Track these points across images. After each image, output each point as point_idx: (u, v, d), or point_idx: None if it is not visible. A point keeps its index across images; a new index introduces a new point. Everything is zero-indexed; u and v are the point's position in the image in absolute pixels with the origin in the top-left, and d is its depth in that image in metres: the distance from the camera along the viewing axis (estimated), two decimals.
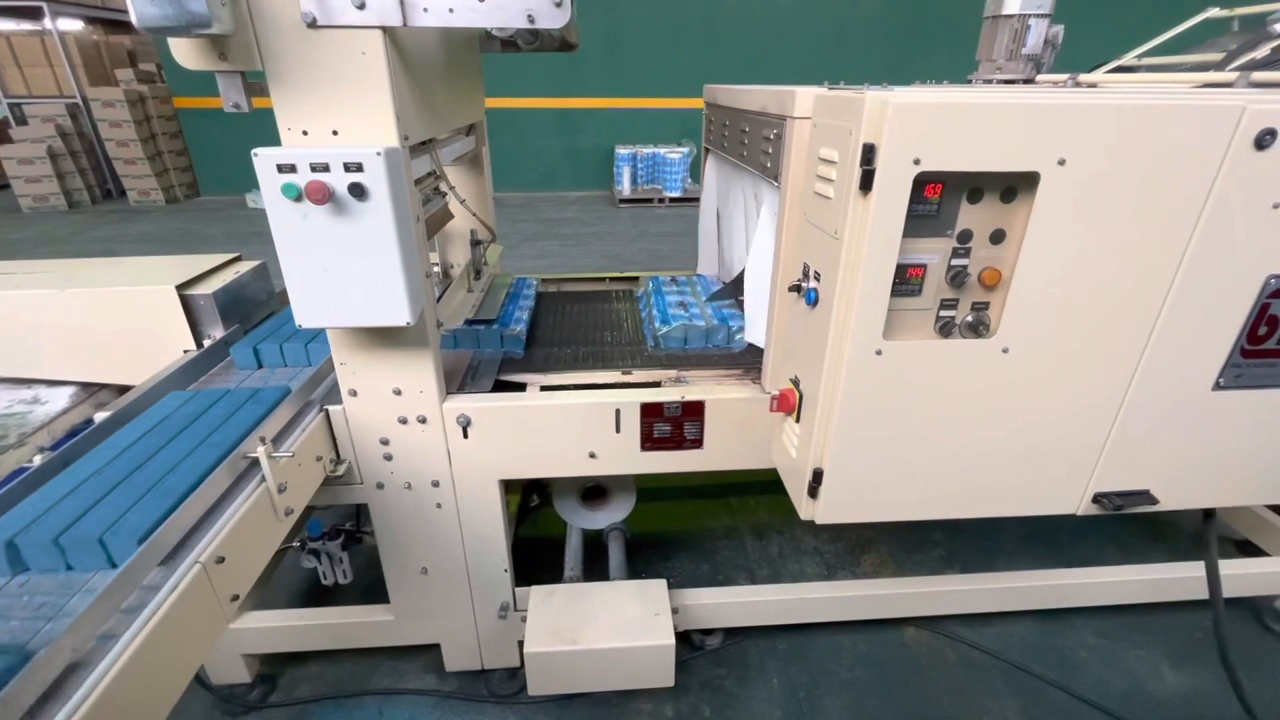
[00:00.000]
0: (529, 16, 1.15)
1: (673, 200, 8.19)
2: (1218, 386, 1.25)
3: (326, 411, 1.48)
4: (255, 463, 1.22)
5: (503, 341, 1.80)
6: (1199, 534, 1.60)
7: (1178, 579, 1.95)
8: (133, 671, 0.87)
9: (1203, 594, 1.59)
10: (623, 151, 8.21)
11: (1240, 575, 1.94)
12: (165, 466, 1.20)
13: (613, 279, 2.49)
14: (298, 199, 1.13)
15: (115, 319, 1.74)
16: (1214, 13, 2.03)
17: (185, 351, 1.74)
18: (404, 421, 1.49)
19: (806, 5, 8.16)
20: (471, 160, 2.21)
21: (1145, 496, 1.34)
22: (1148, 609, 2.07)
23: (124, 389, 1.74)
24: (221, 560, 1.07)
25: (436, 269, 2.22)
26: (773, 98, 1.39)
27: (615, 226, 7.19)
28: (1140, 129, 1.01)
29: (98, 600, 0.88)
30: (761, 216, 1.61)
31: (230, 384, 1.62)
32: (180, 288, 1.74)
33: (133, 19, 1.03)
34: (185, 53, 1.13)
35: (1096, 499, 1.35)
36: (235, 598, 1.11)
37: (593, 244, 6.46)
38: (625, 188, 8.21)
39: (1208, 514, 1.55)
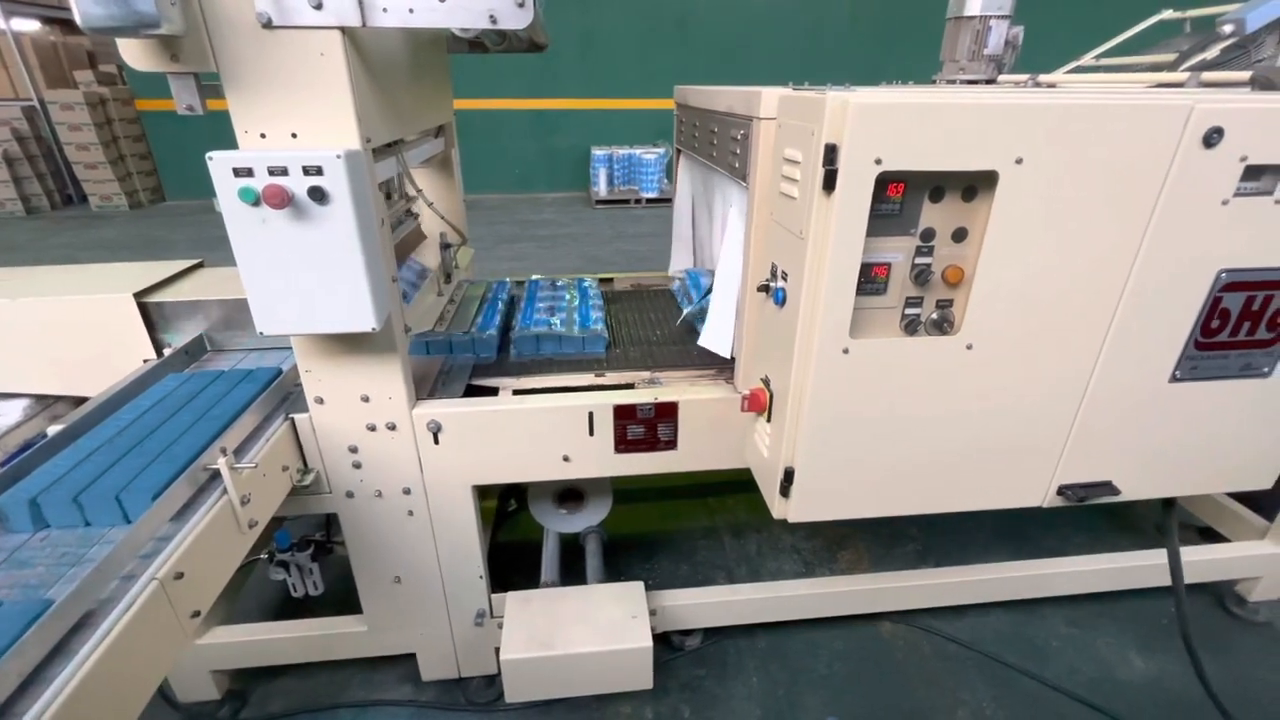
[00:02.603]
0: (491, 17, 1.14)
1: (649, 201, 8.19)
2: (1174, 379, 1.28)
3: (292, 420, 1.45)
4: (216, 475, 1.19)
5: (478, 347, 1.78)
6: (1162, 522, 1.65)
7: (1144, 566, 2.00)
8: (87, 692, 0.83)
9: (1168, 581, 1.63)
10: (599, 153, 8.19)
11: (1202, 561, 2.00)
12: (170, 437, 1.28)
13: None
14: (255, 203, 1.11)
15: (70, 329, 1.68)
16: (1167, 14, 2.10)
17: (145, 361, 1.69)
18: (373, 429, 1.46)
19: (781, 6, 8.23)
20: (441, 162, 2.18)
21: (1108, 488, 1.37)
22: (1116, 596, 2.12)
23: (81, 400, 1.68)
24: (180, 576, 1.04)
25: None
26: (740, 98, 1.40)
27: (592, 228, 7.17)
28: (1093, 128, 1.03)
29: (117, 549, 0.98)
30: (730, 217, 1.62)
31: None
32: (139, 295, 1.69)
33: (77, 19, 0.99)
34: (135, 54, 1.10)
35: (1061, 491, 1.37)
36: (196, 614, 1.08)
37: (569, 245, 6.44)
38: (602, 189, 8.20)
39: (1168, 503, 1.59)
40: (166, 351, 1.70)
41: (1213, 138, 1.05)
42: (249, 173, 1.10)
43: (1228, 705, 1.64)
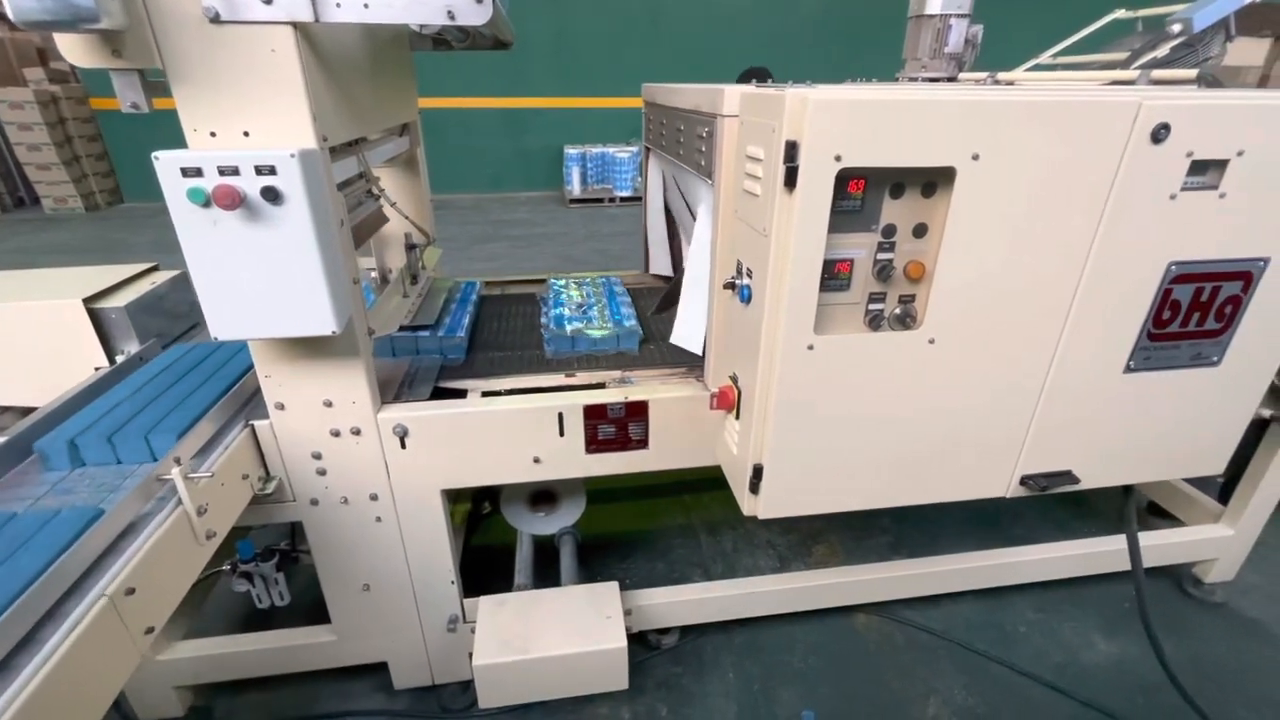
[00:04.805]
0: (449, 13, 1.11)
1: (623, 200, 8.18)
2: (1128, 369, 1.32)
3: (252, 427, 1.41)
4: (171, 485, 1.15)
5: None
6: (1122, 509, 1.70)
7: (1107, 552, 2.05)
8: (31, 714, 0.80)
9: (1129, 565, 1.68)
10: (572, 151, 8.15)
11: (1161, 545, 2.06)
12: (185, 392, 1.46)
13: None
14: (206, 204, 1.07)
15: (17, 336, 1.61)
16: (1120, 14, 2.16)
17: (97, 369, 1.63)
18: (337, 434, 1.43)
19: (754, 4, 8.27)
20: (406, 161, 2.14)
21: (1068, 477, 1.40)
22: (1081, 582, 2.18)
23: (28, 411, 1.61)
24: (132, 591, 1.00)
25: (374, 274, 2.15)
26: (704, 96, 1.39)
27: (566, 227, 7.13)
28: (1045, 125, 1.05)
29: (147, 480, 1.15)
30: (699, 215, 1.62)
31: None
32: (89, 301, 1.63)
33: (9, 12, 0.95)
34: (73, 49, 1.06)
35: (1023, 481, 1.40)
36: (150, 630, 1.04)
37: (544, 245, 6.39)
38: (575, 188, 8.16)
39: (1126, 490, 1.63)
40: (120, 359, 1.64)
41: (1160, 134, 1.08)
42: (198, 173, 1.06)
43: (1187, 684, 1.69)
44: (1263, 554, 2.26)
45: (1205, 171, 1.15)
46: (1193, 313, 1.28)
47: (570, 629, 1.58)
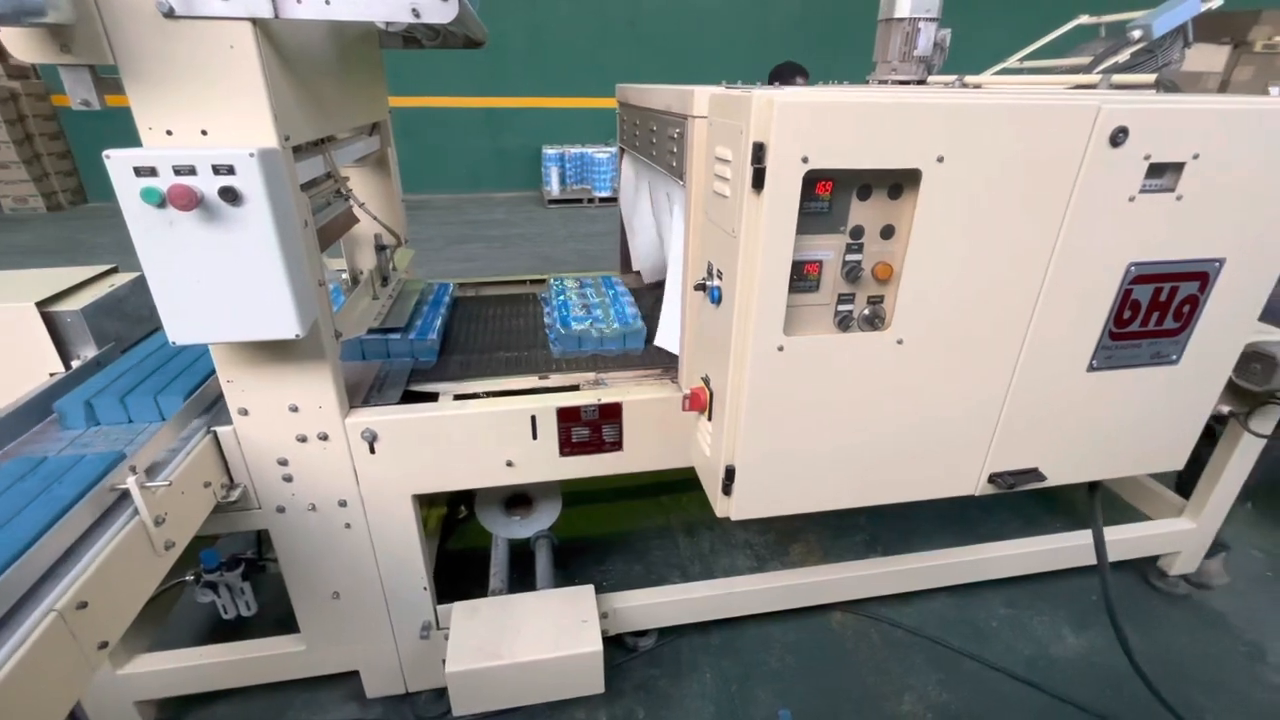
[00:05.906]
0: (414, 10, 1.09)
1: (602, 200, 8.16)
2: (1091, 368, 1.34)
3: (214, 433, 1.37)
4: (126, 495, 1.12)
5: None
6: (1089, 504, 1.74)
7: (1075, 547, 2.09)
8: None
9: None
10: (550, 151, 8.11)
11: (1126, 540, 2.10)
12: (188, 360, 1.55)
13: (533, 281, 2.45)
14: (161, 205, 1.04)
15: None
16: (1083, 19, 2.20)
17: (51, 375, 1.58)
18: (303, 440, 1.40)
19: (732, 5, 8.30)
20: (377, 161, 2.11)
21: (1034, 474, 1.43)
22: (1050, 576, 2.21)
23: None
24: (84, 605, 0.96)
25: (344, 276, 2.11)
26: (675, 97, 1.39)
27: (545, 227, 7.10)
28: (1008, 128, 1.06)
29: (156, 435, 1.27)
30: (674, 216, 1.61)
31: None
32: (43, 304, 1.58)
33: None
34: (18, 43, 1.02)
35: (992, 479, 1.42)
36: (104, 645, 1.01)
37: (522, 245, 6.35)
38: (554, 188, 8.12)
39: (1092, 486, 1.67)
40: (75, 364, 1.59)
41: (1118, 137, 1.10)
42: (152, 172, 1.03)
43: (1152, 674, 1.73)
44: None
45: (1163, 174, 1.18)
46: (1152, 312, 1.31)
47: (545, 633, 1.57)
